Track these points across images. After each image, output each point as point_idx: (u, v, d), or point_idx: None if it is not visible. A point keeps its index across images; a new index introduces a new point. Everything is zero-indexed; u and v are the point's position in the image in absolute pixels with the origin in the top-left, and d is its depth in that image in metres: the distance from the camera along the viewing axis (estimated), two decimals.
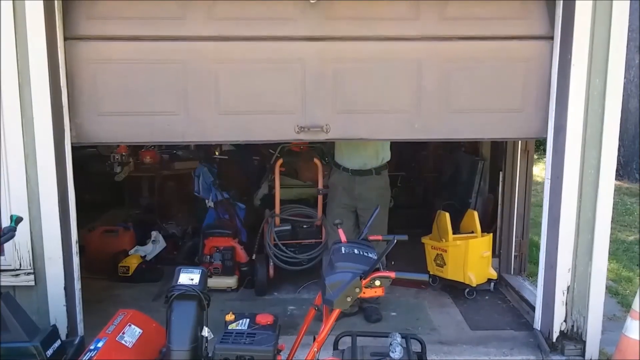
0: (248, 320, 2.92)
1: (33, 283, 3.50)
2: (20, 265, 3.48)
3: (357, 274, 2.62)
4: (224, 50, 3.57)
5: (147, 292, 4.85)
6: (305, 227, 5.01)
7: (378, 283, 2.62)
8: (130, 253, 5.31)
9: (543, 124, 3.72)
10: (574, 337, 3.75)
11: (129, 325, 3.03)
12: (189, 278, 2.86)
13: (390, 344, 2.71)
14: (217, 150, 6.63)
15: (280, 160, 5.09)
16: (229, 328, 2.87)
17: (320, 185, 5.00)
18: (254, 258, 4.96)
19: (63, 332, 3.47)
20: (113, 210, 6.66)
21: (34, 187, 3.42)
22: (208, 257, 4.97)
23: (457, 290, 4.84)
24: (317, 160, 5.01)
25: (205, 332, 2.79)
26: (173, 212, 6.48)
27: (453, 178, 6.17)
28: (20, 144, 3.37)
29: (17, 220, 3.06)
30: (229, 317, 2.95)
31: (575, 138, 3.54)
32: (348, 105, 3.67)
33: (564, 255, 3.67)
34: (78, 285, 3.62)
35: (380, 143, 4.41)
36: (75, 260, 3.60)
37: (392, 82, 3.66)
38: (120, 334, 2.94)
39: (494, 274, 4.88)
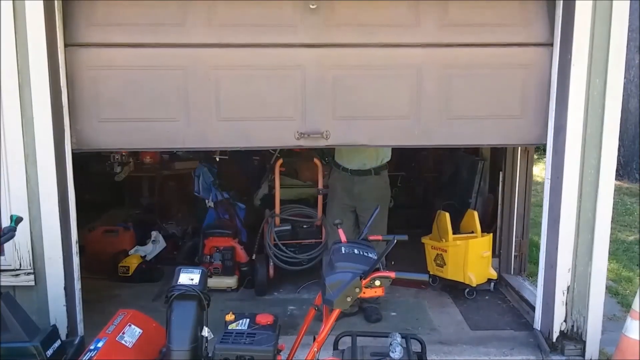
0: (248, 320, 2.92)
1: (33, 283, 3.50)
2: (20, 265, 3.47)
3: (357, 274, 2.62)
4: (224, 57, 3.57)
5: (147, 292, 4.85)
6: (305, 227, 5.01)
7: (378, 283, 2.63)
8: (130, 253, 5.31)
9: (543, 130, 3.73)
10: (574, 337, 3.75)
11: (129, 325, 3.03)
12: (189, 278, 2.86)
13: (390, 344, 2.72)
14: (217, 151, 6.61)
15: (280, 160, 5.09)
16: (229, 328, 2.87)
17: (320, 185, 5.00)
18: (254, 258, 4.96)
19: (63, 332, 3.47)
20: (113, 210, 6.63)
21: (34, 187, 3.42)
22: (208, 257, 4.97)
23: (457, 290, 4.83)
24: (317, 160, 5.01)
25: (205, 332, 2.79)
26: (173, 212, 6.48)
27: (453, 178, 6.17)
28: (21, 144, 3.37)
29: (17, 220, 3.06)
30: (229, 317, 2.95)
31: (575, 138, 3.54)
32: (348, 112, 3.67)
33: (564, 255, 3.67)
34: (78, 285, 3.62)
35: None
36: (75, 260, 3.60)
37: (392, 88, 3.66)
38: (120, 334, 2.94)
39: (494, 274, 4.88)
